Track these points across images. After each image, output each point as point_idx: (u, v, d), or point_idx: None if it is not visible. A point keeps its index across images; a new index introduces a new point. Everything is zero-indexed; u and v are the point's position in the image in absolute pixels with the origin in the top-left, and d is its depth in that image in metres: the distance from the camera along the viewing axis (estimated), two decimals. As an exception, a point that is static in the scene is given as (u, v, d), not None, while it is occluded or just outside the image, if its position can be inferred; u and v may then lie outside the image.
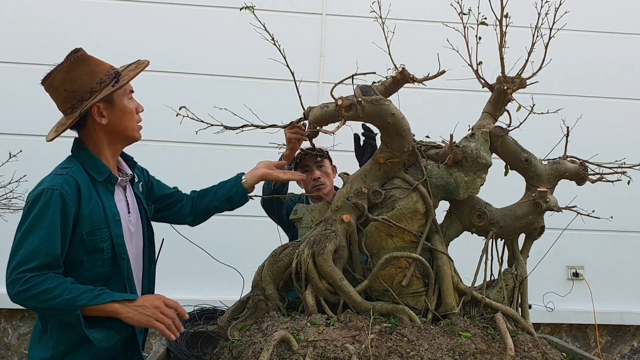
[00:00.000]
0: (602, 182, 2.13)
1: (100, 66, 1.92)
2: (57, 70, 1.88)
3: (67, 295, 1.72)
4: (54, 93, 1.92)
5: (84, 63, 1.90)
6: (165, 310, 1.83)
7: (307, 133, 2.29)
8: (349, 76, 2.03)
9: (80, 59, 1.89)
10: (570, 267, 4.60)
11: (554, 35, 2.07)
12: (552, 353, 1.92)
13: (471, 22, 2.07)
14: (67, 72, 1.88)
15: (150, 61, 2.03)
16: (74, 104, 1.90)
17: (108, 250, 1.89)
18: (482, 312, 2.05)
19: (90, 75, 1.89)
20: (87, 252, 1.86)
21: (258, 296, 2.09)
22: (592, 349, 4.64)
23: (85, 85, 1.88)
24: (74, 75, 1.88)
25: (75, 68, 1.88)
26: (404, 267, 2.01)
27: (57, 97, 1.92)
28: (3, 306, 4.16)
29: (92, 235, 1.86)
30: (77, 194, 1.84)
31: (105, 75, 1.91)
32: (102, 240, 1.88)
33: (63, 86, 1.88)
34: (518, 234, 2.15)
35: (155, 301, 1.84)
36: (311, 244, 2.00)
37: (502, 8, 2.02)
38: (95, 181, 1.92)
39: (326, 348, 1.75)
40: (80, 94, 1.88)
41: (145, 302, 1.83)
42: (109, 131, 1.95)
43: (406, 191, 2.04)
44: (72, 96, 1.89)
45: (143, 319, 1.80)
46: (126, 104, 1.96)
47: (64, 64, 1.88)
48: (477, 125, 2.13)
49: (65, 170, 1.87)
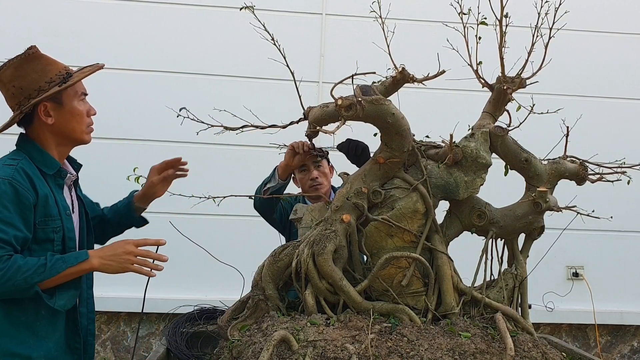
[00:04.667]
0: (602, 182, 2.13)
1: (52, 65, 1.91)
2: (7, 65, 1.87)
3: (22, 275, 1.71)
4: (3, 87, 1.90)
5: (35, 61, 1.88)
6: (137, 252, 1.86)
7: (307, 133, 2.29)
8: (349, 76, 2.03)
9: (32, 57, 1.88)
10: (570, 267, 4.60)
11: (554, 35, 2.07)
12: (552, 353, 1.92)
13: (471, 22, 2.08)
14: (16, 68, 1.86)
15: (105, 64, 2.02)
16: (21, 101, 1.88)
17: (58, 243, 1.87)
18: (482, 312, 2.05)
19: (40, 74, 1.87)
20: (37, 241, 1.83)
21: (258, 296, 2.09)
22: (592, 348, 4.63)
23: (34, 83, 1.86)
24: (23, 72, 1.86)
25: (25, 65, 1.87)
26: (404, 267, 2.01)
27: (6, 92, 1.90)
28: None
29: (44, 224, 1.84)
30: (30, 183, 1.81)
31: (56, 75, 1.89)
32: (54, 231, 1.86)
33: (12, 82, 1.87)
34: (518, 233, 2.15)
35: (125, 247, 1.86)
36: (311, 244, 2.00)
37: (502, 8, 2.02)
38: (45, 174, 1.90)
39: (326, 348, 1.75)
40: (28, 92, 1.86)
41: (116, 250, 1.85)
42: (56, 132, 1.93)
43: (406, 191, 2.04)
44: (20, 93, 1.87)
45: (119, 266, 1.85)
46: (75, 106, 1.93)
47: (15, 59, 1.87)
48: (477, 125, 2.13)
49: (15, 162, 1.84)
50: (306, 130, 2.26)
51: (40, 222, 1.83)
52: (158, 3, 4.50)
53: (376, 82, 2.17)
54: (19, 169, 1.81)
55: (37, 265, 1.74)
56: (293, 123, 2.36)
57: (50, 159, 1.92)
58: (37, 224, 1.82)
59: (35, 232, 1.82)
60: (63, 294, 1.85)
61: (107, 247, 1.90)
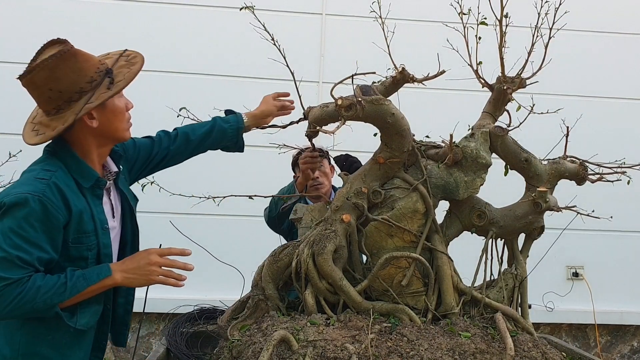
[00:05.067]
0: (602, 182, 2.13)
1: (88, 61, 1.71)
2: (40, 66, 1.65)
3: (42, 297, 1.60)
4: (36, 91, 1.70)
5: (72, 59, 1.67)
6: (161, 262, 1.76)
7: (307, 133, 2.29)
8: (349, 76, 2.04)
9: (68, 55, 1.66)
10: (570, 267, 4.60)
11: (554, 35, 2.07)
12: (552, 353, 1.92)
13: (471, 22, 2.08)
14: (52, 70, 1.65)
15: (142, 55, 1.86)
16: (60, 105, 1.69)
17: (92, 260, 1.75)
18: (482, 312, 2.05)
19: (78, 73, 1.68)
20: (70, 259, 1.71)
21: (258, 296, 2.09)
22: (591, 348, 4.63)
23: (74, 84, 1.67)
24: (60, 74, 1.66)
25: (61, 65, 1.65)
26: (404, 267, 2.01)
27: (40, 95, 1.70)
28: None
29: (77, 242, 1.71)
30: (63, 200, 1.66)
31: (96, 73, 1.71)
32: (88, 249, 1.74)
33: (47, 85, 1.67)
34: (518, 233, 2.15)
35: (148, 257, 1.75)
36: (311, 244, 2.00)
37: (502, 8, 2.02)
38: (82, 186, 1.75)
39: (326, 348, 1.75)
40: (68, 94, 1.68)
41: (140, 262, 1.74)
42: (99, 133, 1.77)
43: (406, 191, 2.05)
44: (59, 96, 1.68)
45: (144, 279, 1.75)
46: (117, 104, 1.78)
47: (49, 60, 1.64)
48: (477, 125, 2.13)
49: (48, 175, 1.68)
50: (306, 130, 2.26)
51: (74, 239, 1.70)
52: (158, 3, 4.50)
53: (376, 82, 2.17)
54: (52, 184, 1.65)
55: (57, 285, 1.63)
56: (293, 123, 2.36)
57: (87, 169, 1.76)
58: (70, 242, 1.69)
59: (67, 250, 1.70)
60: (85, 312, 1.74)
61: (129, 259, 1.77)
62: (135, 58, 1.84)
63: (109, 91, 1.71)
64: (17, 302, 1.57)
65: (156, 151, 2.11)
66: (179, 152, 2.15)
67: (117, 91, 1.72)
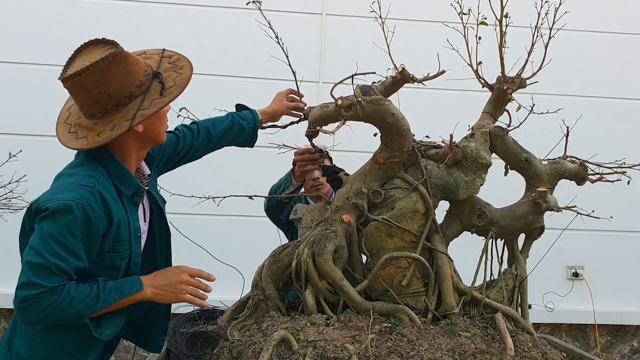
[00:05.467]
0: (602, 182, 2.13)
1: (137, 65, 1.66)
2: (89, 69, 1.58)
3: (74, 308, 1.58)
4: (84, 94, 1.62)
5: (122, 62, 1.61)
6: (192, 281, 1.76)
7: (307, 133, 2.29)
8: (349, 76, 2.04)
9: (119, 58, 1.60)
10: (570, 267, 4.60)
11: (554, 35, 2.07)
12: (552, 353, 1.92)
13: (471, 22, 2.08)
14: (102, 73, 1.59)
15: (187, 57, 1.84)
16: (108, 109, 1.63)
17: (123, 269, 1.74)
18: (482, 312, 2.05)
19: (128, 77, 1.63)
20: (102, 268, 1.69)
21: (258, 296, 2.09)
22: (592, 349, 4.64)
23: (123, 88, 1.62)
24: (110, 77, 1.60)
25: (112, 68, 1.60)
26: (404, 267, 2.01)
27: (87, 98, 1.63)
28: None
29: (112, 251, 1.69)
30: (105, 209, 1.63)
31: (144, 76, 1.66)
32: (121, 258, 1.72)
33: (97, 88, 1.60)
34: (518, 234, 2.15)
35: (180, 276, 1.75)
36: (311, 244, 2.00)
37: (502, 8, 2.02)
38: (121, 193, 1.72)
39: (326, 348, 1.75)
40: (117, 99, 1.62)
41: (171, 280, 1.74)
42: (142, 137, 1.73)
43: (406, 191, 2.05)
44: (107, 100, 1.62)
45: (173, 296, 1.75)
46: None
47: (100, 62, 1.58)
48: (477, 125, 2.13)
49: (92, 182, 1.63)
50: (306, 130, 2.26)
51: (109, 248, 1.68)
52: (158, 3, 4.50)
53: (376, 82, 2.18)
54: (96, 192, 1.62)
55: (90, 296, 1.61)
56: (293, 123, 2.36)
57: (128, 176, 1.73)
58: (106, 251, 1.67)
59: (102, 259, 1.67)
60: (110, 323, 1.73)
61: (160, 275, 1.76)
62: (180, 61, 1.81)
63: (162, 98, 1.66)
64: (50, 310, 1.55)
65: (181, 147, 2.09)
66: (201, 148, 2.15)
67: (172, 99, 1.67)
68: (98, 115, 1.65)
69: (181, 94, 1.70)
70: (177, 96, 1.69)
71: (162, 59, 1.80)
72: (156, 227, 1.92)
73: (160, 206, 1.94)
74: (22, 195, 3.40)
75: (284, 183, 2.71)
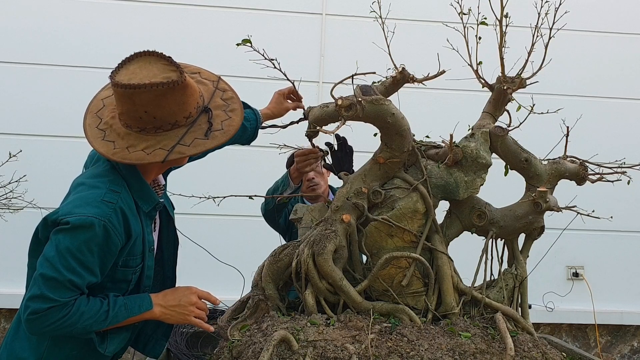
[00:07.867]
0: (602, 182, 2.13)
1: (192, 96, 1.61)
2: (147, 87, 1.52)
3: (83, 323, 1.57)
4: (130, 106, 1.57)
5: (180, 92, 1.57)
6: (200, 305, 1.76)
7: (307, 133, 2.29)
8: (349, 76, 2.04)
9: (180, 87, 1.56)
10: (570, 267, 4.60)
11: (554, 35, 2.07)
12: (552, 353, 1.92)
13: (471, 22, 2.08)
14: (158, 96, 1.54)
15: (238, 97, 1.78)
16: (148, 128, 1.58)
17: (134, 282, 1.74)
18: (482, 312, 2.05)
19: (180, 106, 1.58)
20: (114, 280, 1.68)
21: (258, 296, 2.09)
22: (592, 349, 4.63)
23: (171, 115, 1.58)
24: (164, 102, 1.55)
25: (169, 95, 1.55)
26: (404, 267, 2.01)
27: (132, 111, 1.58)
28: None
29: (125, 265, 1.68)
30: (125, 226, 1.62)
31: (195, 109, 1.62)
32: (133, 272, 1.71)
33: (146, 107, 1.55)
34: (518, 233, 2.15)
35: (189, 297, 1.75)
36: (311, 244, 2.00)
37: (502, 8, 2.02)
38: (140, 209, 1.69)
39: (326, 348, 1.75)
40: (161, 123, 1.58)
41: (181, 301, 1.74)
42: (168, 164, 1.72)
43: (406, 191, 2.05)
44: (150, 121, 1.57)
45: (180, 317, 1.74)
46: None
47: (161, 86, 1.52)
48: (477, 125, 2.13)
49: (115, 198, 1.60)
50: (306, 130, 2.26)
51: (123, 262, 1.67)
52: (158, 3, 4.50)
53: (376, 82, 2.17)
54: (118, 208, 1.59)
55: (100, 312, 1.59)
56: (293, 123, 2.36)
57: (148, 192, 1.71)
58: (119, 265, 1.66)
59: (114, 273, 1.66)
60: (114, 339, 1.72)
61: (170, 294, 1.74)
62: (233, 102, 1.75)
63: (206, 140, 1.61)
64: (58, 324, 1.54)
65: None
66: None
67: (215, 145, 1.63)
68: (135, 129, 1.60)
69: (226, 141, 1.65)
70: (221, 143, 1.64)
71: (215, 91, 1.75)
72: (164, 235, 1.91)
73: (169, 214, 1.92)
74: (22, 195, 3.40)
75: (282, 185, 2.70)
